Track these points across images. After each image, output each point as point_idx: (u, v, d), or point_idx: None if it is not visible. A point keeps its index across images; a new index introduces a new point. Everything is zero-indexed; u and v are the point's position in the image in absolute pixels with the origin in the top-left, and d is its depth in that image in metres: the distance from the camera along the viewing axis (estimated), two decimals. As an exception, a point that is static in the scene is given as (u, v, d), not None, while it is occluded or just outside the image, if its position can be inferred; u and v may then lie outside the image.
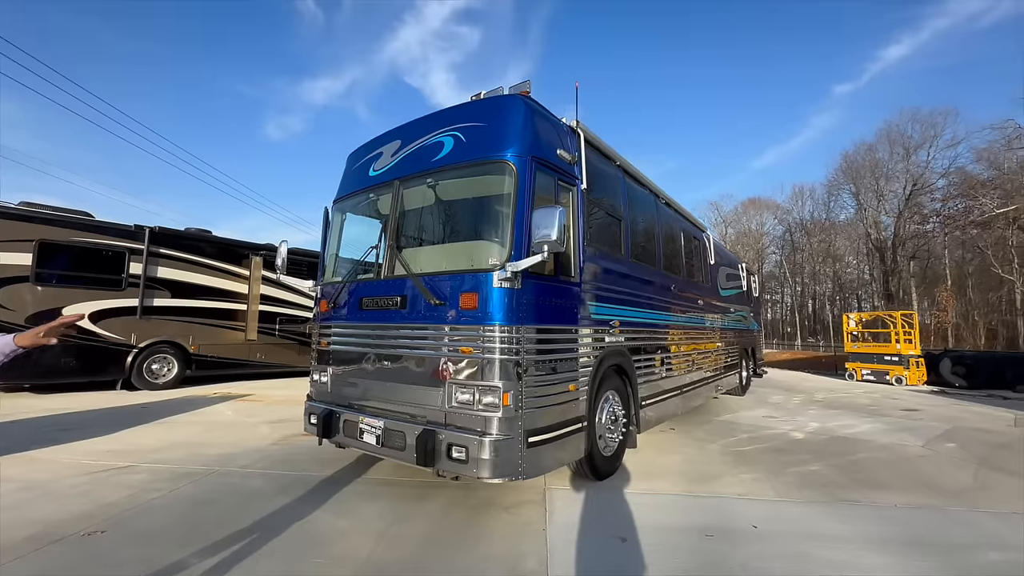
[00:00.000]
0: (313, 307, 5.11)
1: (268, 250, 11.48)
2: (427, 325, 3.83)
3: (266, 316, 11.31)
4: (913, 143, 40.82)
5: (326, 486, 4.34)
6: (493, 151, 3.83)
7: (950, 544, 3.41)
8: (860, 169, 44.95)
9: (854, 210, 47.05)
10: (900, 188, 42.00)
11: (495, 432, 3.44)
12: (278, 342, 11.56)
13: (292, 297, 11.87)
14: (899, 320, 15.38)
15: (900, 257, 42.26)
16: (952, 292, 37.08)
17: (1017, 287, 34.44)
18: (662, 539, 3.38)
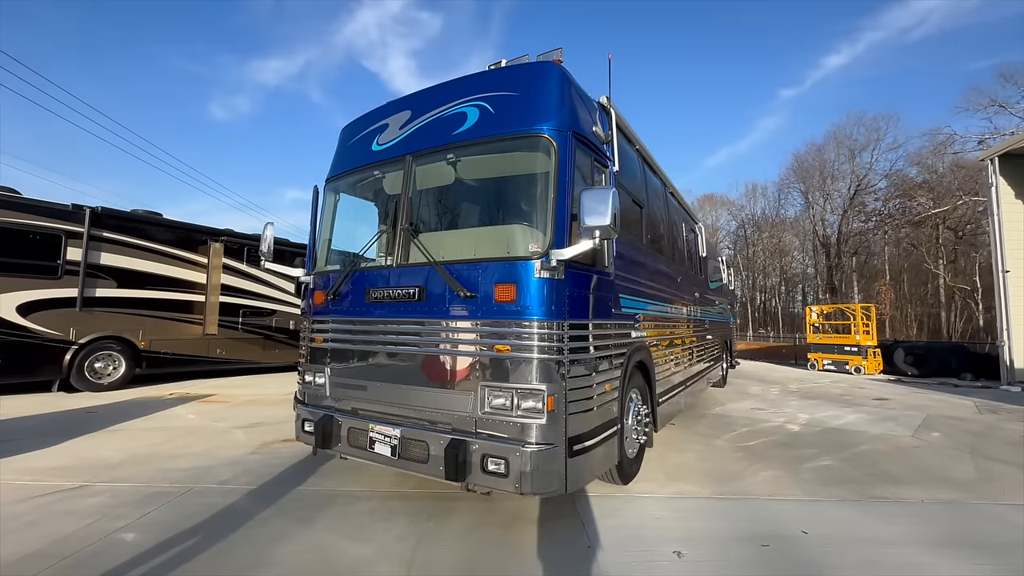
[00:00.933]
0: (303, 299, 4.50)
1: (230, 235, 10.46)
2: (454, 320, 3.37)
3: (228, 308, 10.32)
4: (858, 145, 43.30)
5: (328, 503, 3.82)
6: (529, 124, 3.39)
7: (998, 544, 3.34)
8: (809, 169, 47.30)
9: (803, 207, 49.49)
10: (845, 188, 44.50)
11: (538, 441, 3.05)
12: (241, 336, 10.61)
13: (258, 288, 10.92)
14: (859, 312, 16.13)
15: (843, 253, 44.87)
16: (889, 286, 39.76)
17: (942, 281, 37.31)
18: (720, 552, 3.12)
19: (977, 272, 35.84)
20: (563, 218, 3.23)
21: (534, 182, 3.42)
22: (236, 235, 10.59)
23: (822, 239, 47.01)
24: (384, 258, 3.89)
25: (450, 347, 3.39)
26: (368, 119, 4.44)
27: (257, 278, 10.86)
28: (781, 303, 53.71)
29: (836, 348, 16.28)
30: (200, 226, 10.31)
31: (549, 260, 3.10)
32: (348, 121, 4.69)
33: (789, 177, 50.13)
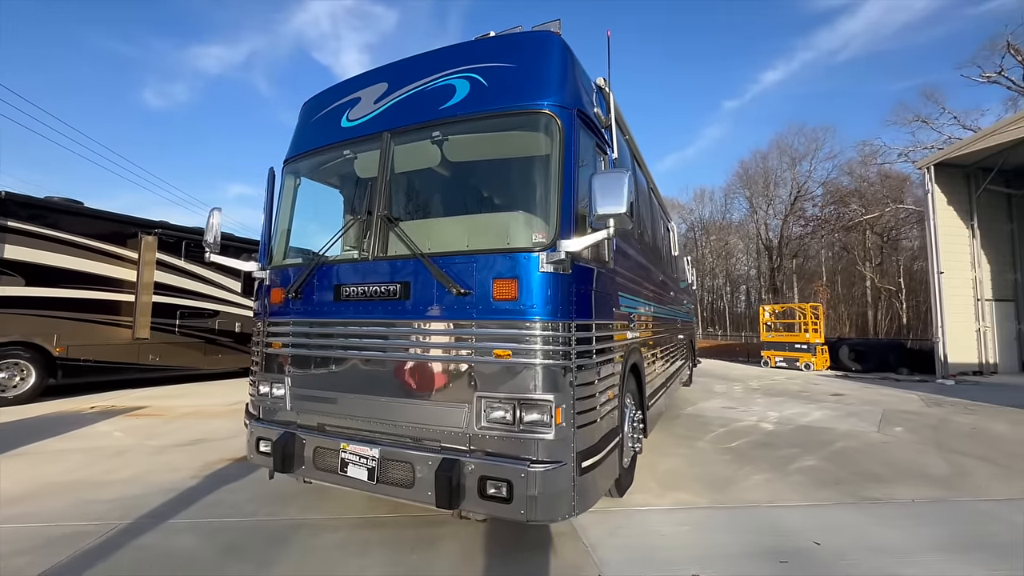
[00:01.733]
0: (256, 298, 3.89)
1: (165, 228, 9.36)
2: (444, 321, 2.92)
3: (163, 309, 9.23)
4: (798, 154, 45.94)
5: (290, 537, 3.25)
6: (529, 98, 2.99)
7: (1000, 544, 3.29)
8: (754, 175, 49.75)
9: (748, 212, 52.00)
10: (786, 194, 47.10)
11: (544, 459, 2.66)
12: (178, 340, 9.52)
13: (199, 286, 9.85)
14: (808, 312, 16.88)
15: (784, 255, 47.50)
16: (825, 287, 42.44)
17: (869, 282, 40.23)
18: (740, 572, 2.85)
19: (901, 273, 38.86)
20: (569, 205, 2.86)
21: (536, 164, 3.03)
22: (173, 228, 9.49)
23: (765, 242, 49.54)
24: (357, 250, 3.37)
25: (439, 352, 2.94)
26: (336, 92, 3.90)
27: (198, 276, 9.80)
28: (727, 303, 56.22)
29: (788, 346, 16.96)
30: (129, 217, 9.16)
31: (556, 252, 2.72)
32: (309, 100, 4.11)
33: (735, 183, 52.53)
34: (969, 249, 13.67)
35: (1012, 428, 7.01)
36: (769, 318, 18.26)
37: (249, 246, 11.20)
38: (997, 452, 5.69)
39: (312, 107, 4.04)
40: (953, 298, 13.03)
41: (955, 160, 13.36)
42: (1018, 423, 7.34)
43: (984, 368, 13.40)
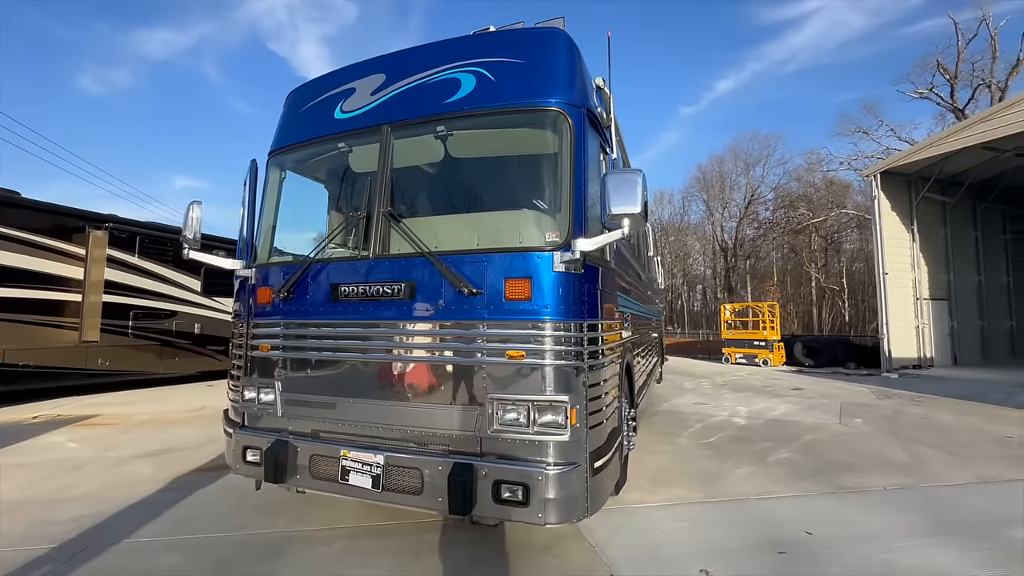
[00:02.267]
0: (238, 298, 3.65)
1: (117, 222, 8.68)
2: (453, 322, 2.83)
3: (115, 309, 8.55)
4: (752, 159, 48.13)
5: (283, 550, 3.08)
6: (540, 95, 2.95)
7: (977, 524, 3.54)
8: (711, 179, 51.77)
9: (704, 214, 54.04)
10: (741, 198, 49.28)
11: (560, 461, 2.63)
12: (132, 343, 8.86)
13: (155, 285, 9.19)
14: (765, 310, 17.71)
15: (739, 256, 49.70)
16: (776, 286, 44.71)
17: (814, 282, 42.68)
18: (743, 565, 2.93)
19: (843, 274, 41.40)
20: (581, 204, 2.84)
21: (546, 162, 3.00)
22: (125, 222, 8.82)
23: (721, 244, 51.66)
24: (355, 248, 3.23)
25: (449, 354, 2.85)
26: (327, 81, 3.72)
27: (154, 274, 9.15)
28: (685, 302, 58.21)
29: (747, 343, 17.72)
30: (76, 210, 8.43)
31: (571, 251, 2.69)
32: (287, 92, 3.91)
33: (693, 186, 54.44)
34: (910, 252, 14.74)
35: (957, 418, 7.59)
36: (730, 316, 19.02)
37: (213, 244, 10.60)
38: (947, 440, 6.14)
39: (300, 97, 3.84)
40: (896, 297, 14.01)
41: (898, 169, 14.36)
42: (961, 413, 7.95)
43: (923, 362, 14.49)
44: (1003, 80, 27.38)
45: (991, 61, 27.53)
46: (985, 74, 27.96)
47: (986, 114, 13.04)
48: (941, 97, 30.35)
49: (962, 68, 28.77)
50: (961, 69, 28.78)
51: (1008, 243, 17.04)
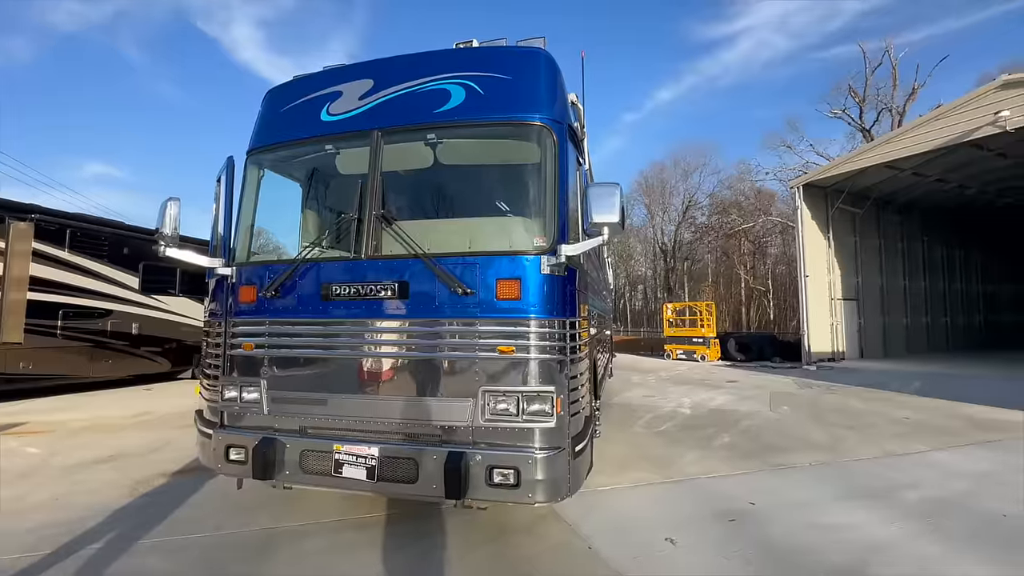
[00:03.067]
0: (213, 297, 3.62)
1: (43, 213, 7.95)
2: (446, 320, 3.01)
3: (41, 308, 7.83)
4: (690, 167, 51.02)
5: (269, 546, 3.13)
6: (526, 111, 3.20)
7: (883, 489, 4.19)
8: (653, 185, 54.33)
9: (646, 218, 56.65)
10: (680, 203, 52.12)
11: (547, 446, 2.89)
12: (59, 345, 8.14)
13: (87, 282, 8.48)
14: (703, 309, 19.01)
15: (677, 259, 52.56)
16: (711, 287, 47.75)
17: (743, 284, 46.04)
18: (702, 533, 3.34)
19: (769, 276, 44.88)
20: (565, 212, 3.12)
21: (531, 172, 3.24)
22: (54, 213, 8.09)
23: (661, 246, 54.39)
24: (346, 249, 3.32)
25: (442, 350, 3.03)
26: (310, 82, 3.75)
27: (87, 270, 8.45)
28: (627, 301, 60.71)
29: (686, 340, 18.94)
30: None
31: (557, 255, 2.97)
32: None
33: (636, 191, 56.85)
34: (826, 257, 16.42)
35: (865, 404, 8.68)
36: (671, 315, 20.21)
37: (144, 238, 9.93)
38: (858, 423, 7.04)
39: (280, 96, 3.84)
40: (814, 298, 15.58)
41: (817, 182, 15.97)
42: (868, 400, 9.08)
43: (836, 356, 16.19)
44: (901, 105, 30.98)
45: (892, 88, 31.05)
46: (887, 99, 31.50)
47: (888, 137, 14.82)
48: (852, 118, 33.80)
49: (869, 92, 32.24)
50: (868, 93, 32.24)
51: (904, 250, 19.39)
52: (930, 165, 15.06)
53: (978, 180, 16.83)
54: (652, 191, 54.29)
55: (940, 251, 21.06)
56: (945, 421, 7.08)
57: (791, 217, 35.40)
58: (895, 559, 2.96)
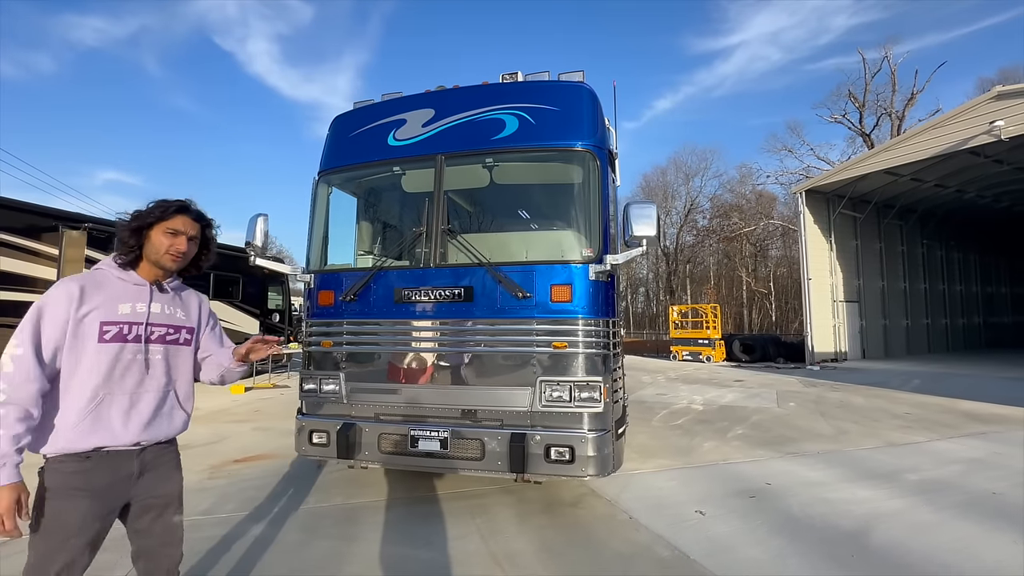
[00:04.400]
0: (307, 299, 4.11)
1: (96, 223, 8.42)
2: (507, 320, 3.50)
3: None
4: (692, 171, 51.59)
5: (353, 517, 3.60)
6: (573, 138, 3.69)
7: (885, 472, 4.66)
8: (655, 188, 54.88)
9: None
10: (681, 206, 52.65)
11: (596, 428, 3.37)
12: (107, 346, 8.60)
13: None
14: (708, 311, 19.47)
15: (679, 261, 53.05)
16: (712, 289, 48.21)
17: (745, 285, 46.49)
18: (727, 507, 3.81)
19: (771, 278, 45.33)
20: (607, 226, 3.61)
21: (577, 191, 3.73)
22: (104, 222, 8.56)
23: (663, 249, 54.91)
24: (413, 259, 3.80)
25: (503, 345, 3.51)
26: (375, 111, 4.24)
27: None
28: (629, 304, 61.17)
29: (692, 341, 19.39)
30: (47, 208, 8.12)
31: (603, 264, 3.45)
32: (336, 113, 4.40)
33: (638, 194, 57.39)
34: (828, 260, 16.89)
35: (867, 400, 9.14)
36: (677, 317, 20.68)
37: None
38: (861, 417, 7.50)
39: (347, 123, 4.33)
40: (817, 300, 16.05)
41: (820, 188, 16.47)
42: (870, 397, 9.54)
43: (839, 356, 16.65)
44: (900, 110, 31.53)
45: (891, 93, 31.60)
46: (887, 104, 32.05)
47: (887, 145, 15.31)
48: (851, 122, 34.35)
49: (869, 98, 32.80)
50: (868, 99, 32.79)
51: (904, 254, 19.87)
52: (929, 171, 15.54)
53: (976, 184, 17.32)
54: (654, 194, 54.80)
55: (940, 254, 21.54)
56: (942, 416, 7.54)
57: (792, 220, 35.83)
58: (895, 524, 3.43)
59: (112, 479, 1.56)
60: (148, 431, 1.62)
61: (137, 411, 1.61)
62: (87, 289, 1.57)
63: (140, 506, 1.64)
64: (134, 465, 1.60)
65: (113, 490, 1.56)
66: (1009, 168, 15.46)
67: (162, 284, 1.73)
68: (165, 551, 1.69)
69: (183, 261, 1.72)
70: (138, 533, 1.65)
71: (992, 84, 29.70)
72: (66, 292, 1.54)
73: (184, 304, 1.81)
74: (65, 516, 1.47)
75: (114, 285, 1.63)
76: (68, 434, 1.50)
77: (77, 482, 1.50)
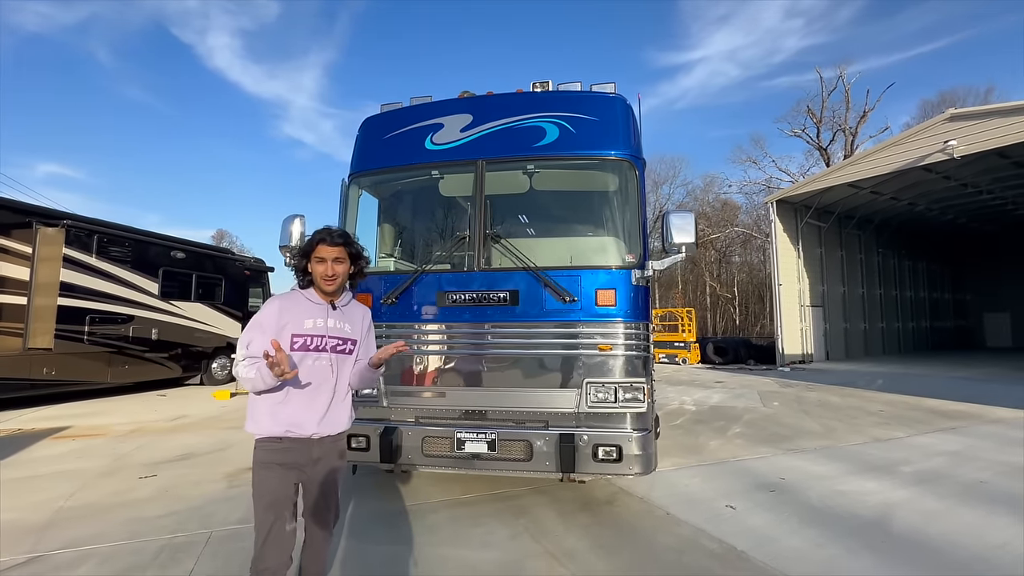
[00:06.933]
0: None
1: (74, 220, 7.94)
2: (552, 322, 3.58)
3: (70, 314, 7.80)
4: (661, 178, 53.15)
5: (399, 521, 3.59)
6: (613, 148, 3.82)
7: (881, 465, 5.00)
8: (625, 194, 56.25)
9: (619, 226, 58.39)
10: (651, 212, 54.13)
11: (639, 427, 3.49)
12: (85, 351, 8.11)
13: (112, 288, 8.47)
14: (684, 315, 20.12)
15: (648, 266, 54.42)
16: (680, 293, 49.75)
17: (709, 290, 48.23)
18: (753, 500, 4.02)
19: (734, 283, 47.18)
20: (646, 232, 3.76)
21: (617, 199, 3.86)
22: (83, 220, 8.08)
23: (633, 254, 56.26)
24: (453, 261, 3.83)
25: (549, 349, 3.58)
26: (408, 116, 4.25)
27: (113, 276, 8.44)
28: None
29: (669, 344, 19.98)
30: (19, 203, 7.59)
31: (645, 269, 3.59)
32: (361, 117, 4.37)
33: (609, 200, 58.67)
34: (796, 267, 17.81)
35: (842, 399, 9.71)
36: (654, 321, 21.24)
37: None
38: (842, 415, 7.98)
39: (379, 126, 4.31)
40: (786, 304, 16.89)
41: (789, 198, 17.37)
42: (844, 396, 10.15)
43: (805, 358, 17.55)
44: (854, 127, 33.60)
45: (845, 111, 33.64)
46: (841, 121, 34.09)
47: (853, 159, 16.33)
48: (810, 137, 36.31)
49: (825, 114, 34.78)
50: (825, 115, 34.77)
51: (862, 261, 21.18)
52: (886, 185, 16.67)
53: (926, 199, 18.69)
54: (624, 201, 56.20)
55: (893, 262, 23.06)
56: (912, 413, 8.12)
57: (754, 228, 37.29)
58: (908, 512, 3.72)
59: (298, 459, 2.00)
60: (323, 425, 2.03)
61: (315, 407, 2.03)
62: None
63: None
64: (313, 451, 2.03)
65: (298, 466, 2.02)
66: (955, 184, 16.78)
67: (334, 303, 2.10)
68: (325, 503, 2.12)
69: (339, 281, 2.06)
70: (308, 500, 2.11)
71: (933, 106, 31.90)
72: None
73: (350, 318, 2.16)
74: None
75: (301, 304, 2.08)
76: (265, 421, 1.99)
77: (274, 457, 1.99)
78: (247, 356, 1.95)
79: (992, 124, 12.08)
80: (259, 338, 1.95)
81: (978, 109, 13.02)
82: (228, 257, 11.63)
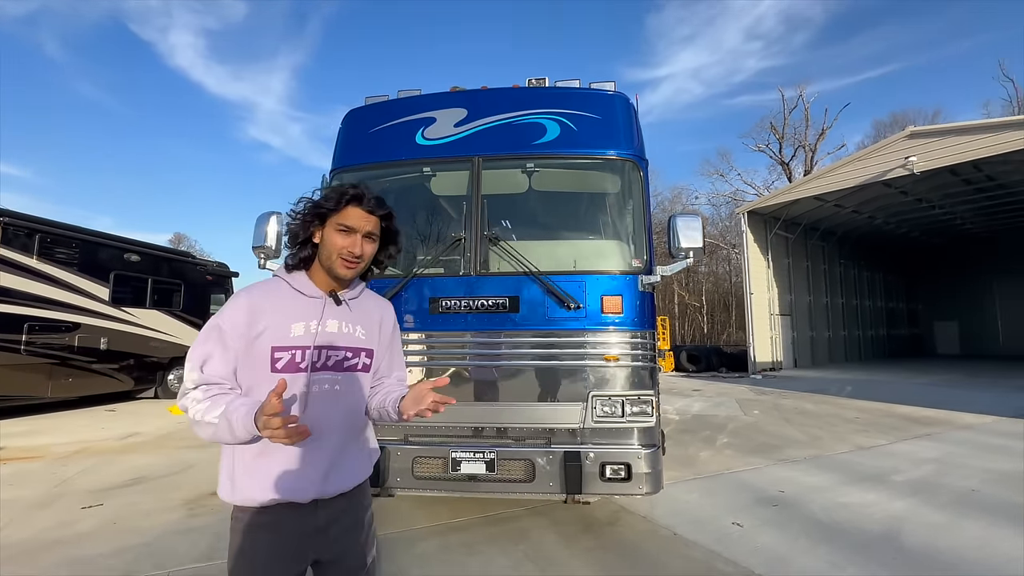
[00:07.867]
0: None
1: (10, 216, 7.17)
2: (555, 331, 3.33)
3: (5, 321, 7.00)
4: (631, 189, 54.18)
5: (391, 549, 3.23)
6: (617, 147, 3.64)
7: (873, 475, 4.97)
8: (597, 204, 57.11)
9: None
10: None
11: (647, 443, 3.29)
12: (22, 362, 7.29)
13: (56, 292, 7.68)
14: (659, 324, 20.30)
15: (619, 275, 55.23)
16: (650, 302, 50.58)
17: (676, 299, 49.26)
18: (757, 516, 3.86)
19: (701, 292, 48.31)
20: (651, 236, 3.58)
21: (621, 200, 3.67)
22: (22, 217, 7.31)
23: (604, 263, 57.00)
24: (446, 265, 3.54)
25: (552, 360, 3.33)
26: (396, 108, 3.96)
27: (57, 280, 7.66)
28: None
29: (643, 352, 20.08)
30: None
31: (653, 275, 3.40)
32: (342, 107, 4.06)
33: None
34: (766, 276, 18.27)
35: (817, 407, 9.85)
36: (628, 329, 21.33)
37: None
38: (822, 423, 8.05)
39: (365, 118, 4.00)
40: (757, 313, 17.26)
41: (759, 210, 17.84)
42: (818, 403, 10.31)
43: (775, 366, 17.95)
44: (813, 143, 35.17)
45: (805, 128, 35.18)
46: (801, 137, 35.62)
47: (819, 173, 16.92)
48: (773, 152, 37.75)
49: (787, 131, 36.26)
50: (787, 131, 36.25)
51: (826, 271, 21.97)
52: (849, 198, 17.35)
53: (884, 212, 19.58)
54: (596, 210, 57.04)
55: (853, 272, 24.03)
56: (887, 419, 8.28)
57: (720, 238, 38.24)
58: (916, 527, 3.63)
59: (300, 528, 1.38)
60: (329, 482, 1.38)
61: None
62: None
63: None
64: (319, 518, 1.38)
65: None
66: (911, 199, 17.63)
67: (337, 294, 1.44)
68: None
69: (361, 266, 1.41)
70: None
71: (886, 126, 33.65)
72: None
73: (363, 317, 1.50)
74: None
75: (285, 298, 1.39)
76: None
77: None
78: (202, 383, 1.22)
79: (949, 142, 12.72)
80: (220, 354, 1.26)
81: (935, 128, 13.70)
82: (188, 261, 10.88)
